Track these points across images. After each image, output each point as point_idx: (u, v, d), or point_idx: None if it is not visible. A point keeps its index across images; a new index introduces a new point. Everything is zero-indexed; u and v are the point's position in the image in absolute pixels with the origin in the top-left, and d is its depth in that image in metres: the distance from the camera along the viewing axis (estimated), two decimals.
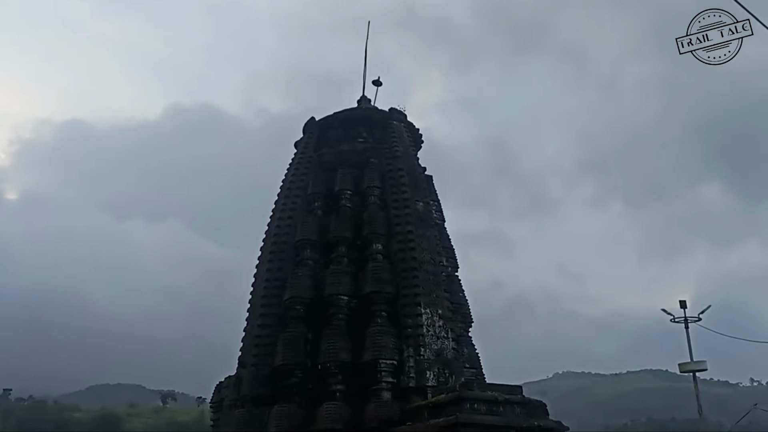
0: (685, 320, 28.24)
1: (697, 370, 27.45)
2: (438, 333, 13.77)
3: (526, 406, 11.63)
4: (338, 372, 13.37)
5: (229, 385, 15.35)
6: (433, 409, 11.66)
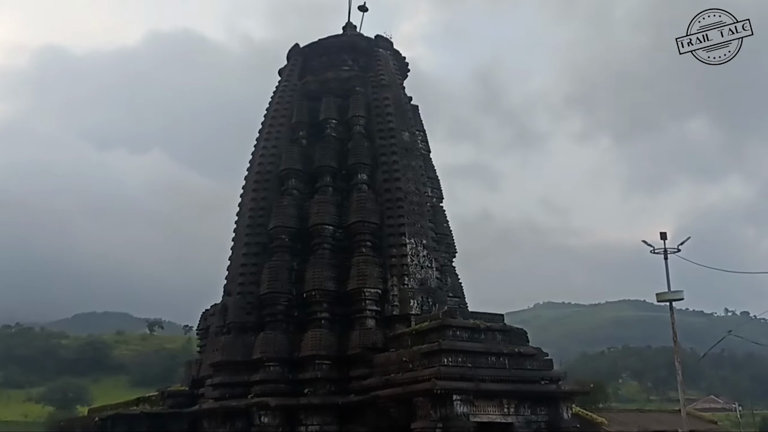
0: (665, 251, 28.58)
1: (673, 300, 27.94)
2: (422, 263, 13.92)
3: (507, 333, 11.90)
4: (323, 300, 13.54)
5: (215, 312, 15.54)
6: (416, 336, 11.90)
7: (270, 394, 12.70)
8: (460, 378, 10.57)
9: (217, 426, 13.37)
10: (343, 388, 12.68)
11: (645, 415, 41.14)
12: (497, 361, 11.28)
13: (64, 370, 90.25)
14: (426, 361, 11.10)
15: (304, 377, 13.00)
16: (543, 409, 11.35)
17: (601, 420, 35.23)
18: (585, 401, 37.61)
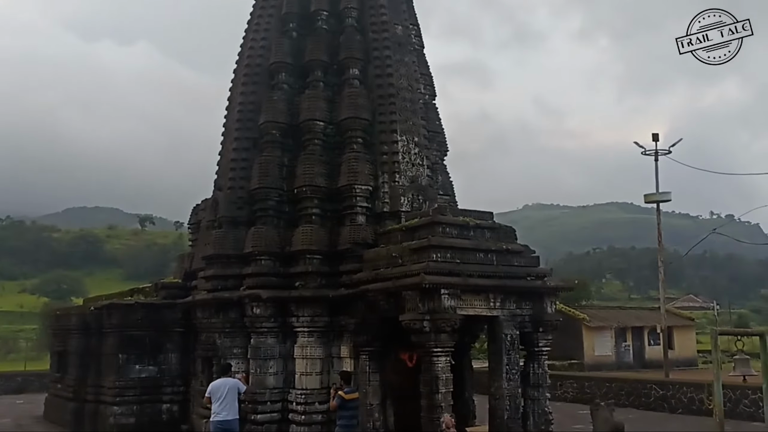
0: (656, 153, 28.76)
1: (661, 201, 28.40)
2: (413, 160, 13.87)
3: (495, 230, 12.02)
4: (314, 196, 13.57)
5: (206, 207, 15.61)
6: (406, 232, 12.02)
7: (262, 287, 12.96)
8: (448, 273, 10.76)
9: (210, 316, 13.73)
10: (334, 282, 12.93)
11: (625, 312, 42.77)
12: (485, 258, 11.46)
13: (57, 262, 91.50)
14: (415, 257, 11.27)
15: (295, 271, 13.23)
16: (528, 303, 11.65)
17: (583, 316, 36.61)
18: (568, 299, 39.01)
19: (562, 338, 26.75)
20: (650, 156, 28.85)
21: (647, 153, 28.95)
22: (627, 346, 37.98)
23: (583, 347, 35.58)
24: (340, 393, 11.20)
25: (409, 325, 10.76)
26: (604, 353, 36.37)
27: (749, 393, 17.93)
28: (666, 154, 28.89)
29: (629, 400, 21.10)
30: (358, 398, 11.47)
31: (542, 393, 11.76)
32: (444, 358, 10.63)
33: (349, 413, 11.19)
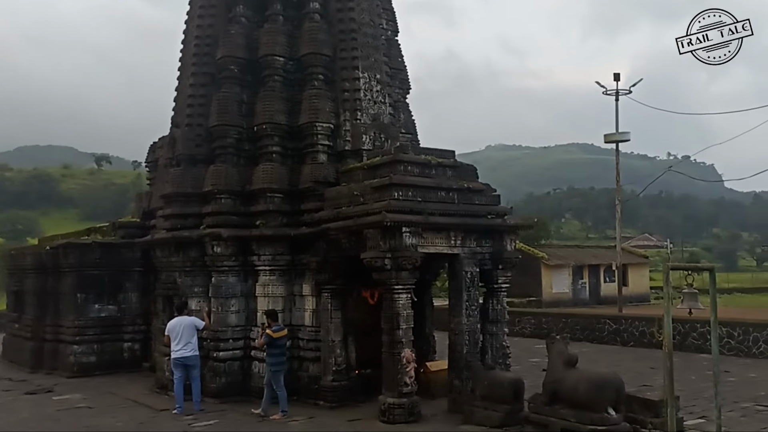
0: (616, 93, 28.92)
1: (620, 141, 28.76)
2: (375, 98, 13.66)
3: (456, 169, 12.03)
4: (274, 134, 13.33)
5: (163, 145, 15.23)
6: (368, 171, 11.95)
7: (222, 226, 12.83)
8: (409, 211, 10.78)
9: (170, 255, 13.59)
10: (295, 221, 12.86)
11: (583, 251, 43.79)
12: (446, 196, 11.49)
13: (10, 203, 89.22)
14: (377, 195, 11.24)
15: (256, 209, 13.10)
16: (488, 241, 11.79)
17: (542, 255, 37.38)
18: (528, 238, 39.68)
19: (521, 276, 27.38)
20: (611, 96, 29.04)
21: (608, 93, 29.11)
22: (583, 284, 39.03)
23: (542, 285, 36.46)
24: (268, 331, 11.19)
25: (370, 263, 10.82)
26: (561, 290, 37.36)
27: (698, 326, 18.66)
28: (626, 94, 29.09)
29: (584, 335, 21.79)
30: (286, 335, 11.54)
31: (501, 328, 12.04)
32: (405, 295, 10.76)
33: (278, 350, 11.22)
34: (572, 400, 9.04)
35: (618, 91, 28.93)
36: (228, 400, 12.23)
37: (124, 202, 73.95)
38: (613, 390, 8.91)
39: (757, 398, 12.08)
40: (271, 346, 11.19)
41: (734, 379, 14.10)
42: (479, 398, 10.43)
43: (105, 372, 15.49)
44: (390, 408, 10.44)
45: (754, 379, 14.22)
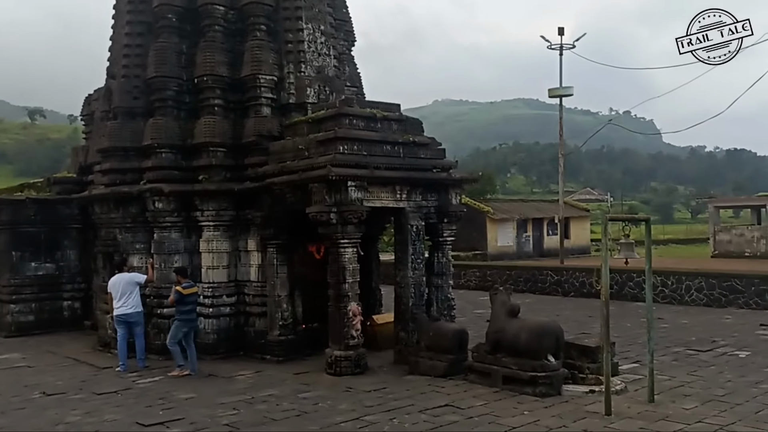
0: (561, 47, 29.15)
1: (563, 96, 29.14)
2: (319, 50, 13.39)
3: (402, 123, 11.97)
4: (216, 86, 12.96)
5: (99, 97, 14.66)
6: (312, 124, 11.78)
7: (163, 180, 12.51)
8: (355, 165, 10.71)
9: (109, 211, 13.21)
10: (239, 176, 12.64)
11: (527, 205, 44.63)
12: (392, 150, 11.45)
13: None
14: (322, 149, 11.12)
15: (198, 164, 12.81)
16: (433, 195, 11.85)
17: (488, 209, 37.92)
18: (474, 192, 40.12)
19: (466, 230, 27.78)
20: (556, 51, 29.26)
21: (553, 47, 29.33)
22: (527, 237, 39.91)
23: (487, 238, 37.12)
24: (177, 288, 11.02)
25: (316, 218, 10.76)
26: (506, 244, 38.12)
27: (634, 276, 19.36)
28: (570, 48, 29.37)
29: (527, 286, 22.37)
30: (196, 293, 11.40)
31: (446, 281, 12.22)
32: (351, 249, 10.77)
33: (188, 308, 11.08)
34: (514, 349, 9.29)
35: (562, 45, 29.17)
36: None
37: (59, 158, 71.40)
38: (553, 338, 9.19)
39: (688, 343, 12.66)
40: (180, 303, 11.00)
41: (667, 325, 14.73)
42: (424, 349, 10.62)
43: (45, 331, 15.13)
44: (337, 360, 10.54)
45: (685, 326, 14.89)
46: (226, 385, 10.11)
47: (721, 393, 8.95)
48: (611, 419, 7.73)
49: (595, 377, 9.14)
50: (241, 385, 10.13)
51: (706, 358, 11.38)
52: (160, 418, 8.28)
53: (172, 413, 8.51)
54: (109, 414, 8.60)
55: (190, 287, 11.23)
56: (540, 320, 10.27)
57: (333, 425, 7.82)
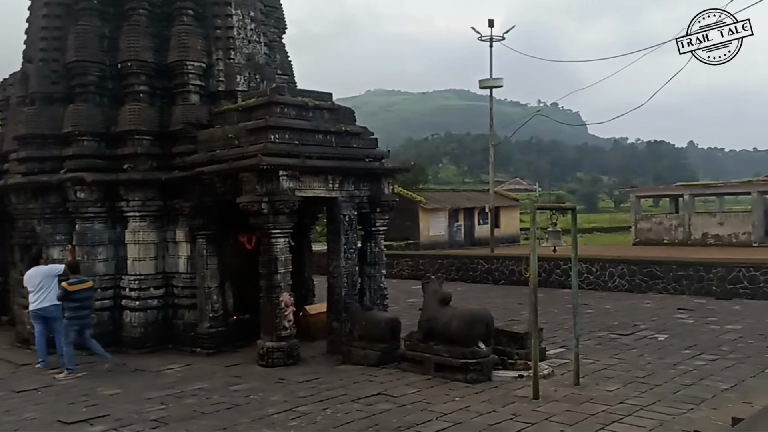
0: (491, 39, 29.59)
1: (494, 87, 29.61)
2: (249, 36, 13.13)
3: (334, 112, 11.90)
4: (141, 72, 12.53)
5: (15, 81, 13.93)
6: (243, 113, 11.56)
7: (85, 169, 12.02)
8: (286, 154, 10.58)
9: (27, 201, 12.60)
10: (166, 165, 12.29)
11: (458, 195, 45.25)
12: (324, 139, 11.37)
13: None
14: (253, 138, 10.94)
15: (123, 153, 12.37)
16: (366, 184, 11.84)
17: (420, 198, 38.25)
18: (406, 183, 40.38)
19: (399, 220, 27.95)
20: (486, 42, 29.67)
21: (483, 39, 29.73)
22: (459, 226, 40.48)
23: (419, 228, 37.45)
24: (64, 284, 10.48)
25: (247, 208, 10.59)
26: (438, 233, 38.56)
27: (561, 264, 19.93)
28: (500, 40, 29.83)
29: (458, 275, 22.70)
30: (88, 289, 10.71)
31: (378, 270, 12.24)
32: (283, 239, 10.65)
33: (76, 305, 10.46)
34: (446, 336, 9.41)
35: (492, 37, 29.61)
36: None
37: None
38: (483, 325, 9.36)
39: (612, 327, 13.14)
40: (67, 300, 10.41)
41: (592, 311, 15.24)
42: (357, 338, 10.63)
43: None
44: (269, 352, 10.43)
45: (608, 311, 15.44)
46: (153, 380, 9.85)
47: (642, 375, 9.31)
48: (539, 403, 7.94)
49: (524, 362, 9.37)
50: (170, 379, 9.89)
51: (627, 341, 11.82)
52: (83, 416, 7.99)
53: (96, 410, 8.22)
54: (29, 412, 8.24)
55: (79, 283, 10.55)
56: (471, 308, 10.44)
57: (265, 417, 7.73)
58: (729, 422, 5.14)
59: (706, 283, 17.56)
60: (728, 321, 13.58)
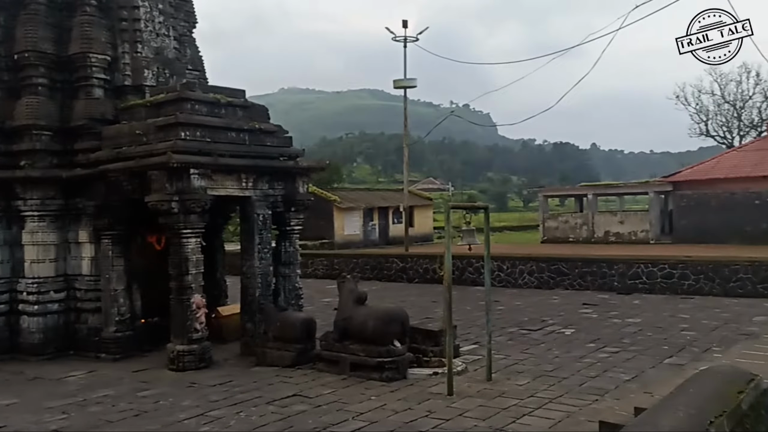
0: (405, 39, 29.89)
1: (408, 87, 29.92)
2: (158, 30, 12.68)
3: (247, 109, 11.68)
4: (39, 64, 11.87)
5: None
6: (151, 108, 11.16)
7: None
8: (198, 152, 10.30)
9: None
10: (68, 162, 11.72)
11: (373, 194, 45.46)
12: (237, 137, 11.13)
13: None
14: (162, 135, 10.58)
15: (20, 149, 11.68)
16: (280, 183, 11.68)
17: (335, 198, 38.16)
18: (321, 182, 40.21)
19: (314, 219, 27.77)
20: (400, 42, 29.94)
21: (397, 39, 29.98)
22: (373, 225, 40.65)
23: (334, 227, 37.34)
24: None
25: (156, 207, 10.23)
26: (353, 232, 38.58)
27: (474, 262, 20.36)
28: (414, 41, 30.17)
29: (373, 274, 22.79)
30: None
31: (293, 270, 12.10)
32: (194, 239, 10.36)
33: None
34: (362, 336, 9.41)
35: (406, 38, 29.91)
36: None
37: None
38: (399, 323, 9.42)
39: (522, 323, 13.53)
40: None
41: (503, 307, 15.65)
42: (272, 339, 10.47)
43: None
44: (179, 355, 10.11)
45: (519, 307, 15.90)
46: (54, 388, 9.34)
47: (550, 368, 9.63)
48: (453, 399, 8.06)
49: (439, 359, 9.49)
50: (72, 386, 9.41)
51: (537, 336, 12.21)
52: None
53: None
54: None
55: None
56: (386, 307, 10.50)
57: (175, 423, 7.48)
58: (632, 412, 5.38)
59: (608, 279, 18.39)
60: (629, 315, 14.26)
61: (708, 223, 32.29)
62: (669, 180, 36.24)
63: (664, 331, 12.29)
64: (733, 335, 11.66)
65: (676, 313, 14.34)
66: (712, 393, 4.52)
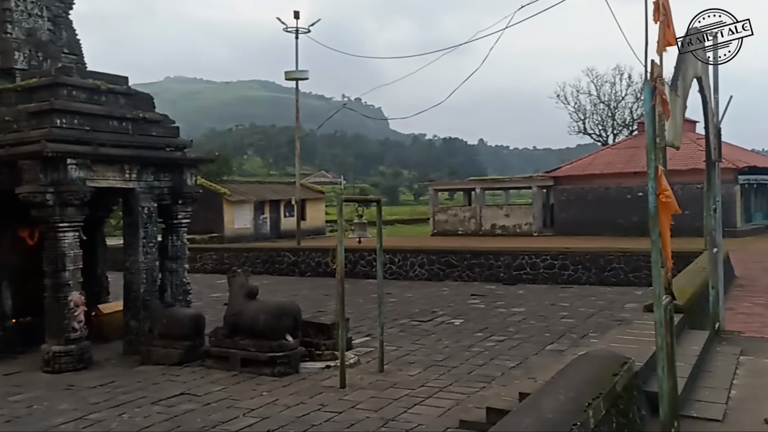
0: (296, 31, 29.59)
1: (299, 79, 29.68)
2: (30, 10, 11.84)
3: (131, 97, 11.15)
4: None
5: None
6: (23, 94, 10.42)
7: None
8: (75, 141, 9.72)
9: None
10: None
11: (264, 187, 44.83)
12: (119, 126, 10.60)
13: None
14: (35, 122, 9.90)
15: None
16: (167, 175, 11.25)
17: (224, 190, 37.32)
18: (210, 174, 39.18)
19: (203, 212, 26.99)
20: (291, 33, 29.61)
21: (288, 30, 29.64)
22: (265, 219, 40.09)
23: (224, 220, 36.53)
24: None
25: (28, 199, 9.57)
26: (243, 226, 37.89)
27: (366, 255, 20.50)
28: (306, 33, 29.93)
29: (265, 268, 22.45)
30: None
31: (181, 265, 11.69)
32: (72, 233, 9.78)
33: None
34: (253, 330, 9.23)
35: (298, 29, 29.62)
36: None
37: None
38: (291, 317, 9.32)
39: (413, 315, 13.76)
40: None
41: (395, 299, 15.86)
42: (158, 337, 10.07)
43: None
44: (55, 356, 9.52)
45: (410, 299, 16.17)
46: None
47: (441, 358, 9.86)
48: (346, 392, 8.08)
49: (331, 353, 9.48)
50: None
51: (427, 327, 12.46)
52: None
53: None
54: None
55: None
56: (278, 301, 10.35)
57: (51, 428, 7.04)
58: (516, 397, 5.60)
59: (495, 270, 19.06)
60: (514, 304, 14.85)
61: (585, 216, 34.17)
62: (550, 175, 38.03)
63: (545, 319, 12.88)
64: (607, 321, 12.39)
65: (557, 301, 15.07)
66: (589, 376, 4.78)
